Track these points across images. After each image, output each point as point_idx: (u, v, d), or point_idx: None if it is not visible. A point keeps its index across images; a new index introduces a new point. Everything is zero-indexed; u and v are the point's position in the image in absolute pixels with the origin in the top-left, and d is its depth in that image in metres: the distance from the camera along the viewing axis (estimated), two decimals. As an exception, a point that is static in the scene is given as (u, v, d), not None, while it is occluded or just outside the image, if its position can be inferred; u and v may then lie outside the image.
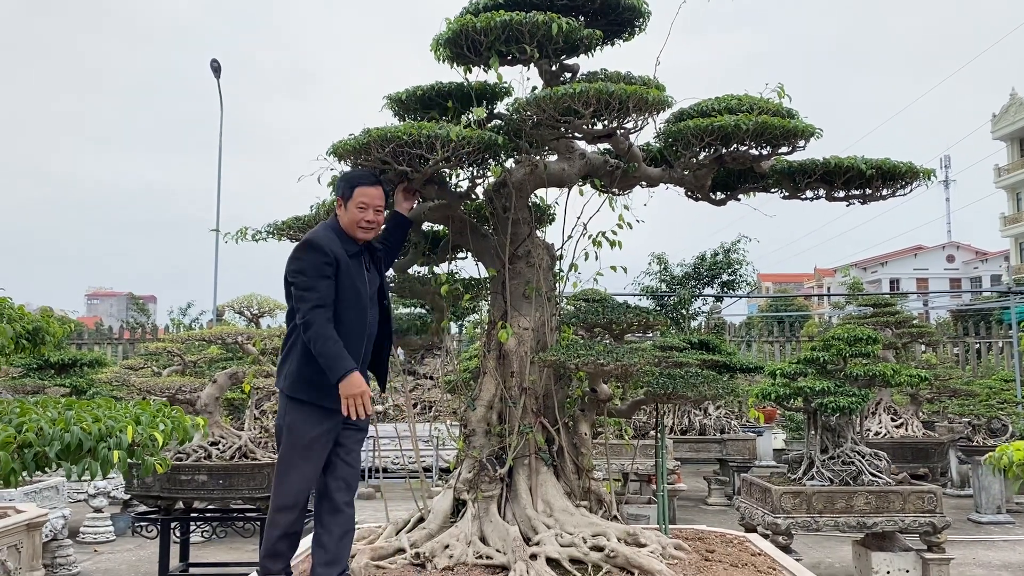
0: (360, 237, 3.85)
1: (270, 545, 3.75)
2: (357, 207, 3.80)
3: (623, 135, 4.28)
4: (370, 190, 3.83)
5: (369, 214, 3.82)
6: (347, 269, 3.74)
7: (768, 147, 4.25)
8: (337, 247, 3.75)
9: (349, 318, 3.72)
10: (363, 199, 3.80)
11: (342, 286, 3.71)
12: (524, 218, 4.70)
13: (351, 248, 3.80)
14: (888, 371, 7.45)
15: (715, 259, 15.10)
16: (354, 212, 3.81)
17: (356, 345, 3.72)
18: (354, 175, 3.90)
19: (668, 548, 4.35)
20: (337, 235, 3.81)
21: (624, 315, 4.49)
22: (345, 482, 3.84)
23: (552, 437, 4.64)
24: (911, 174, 4.40)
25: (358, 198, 3.80)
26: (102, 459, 2.07)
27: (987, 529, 10.15)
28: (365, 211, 3.81)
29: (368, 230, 3.85)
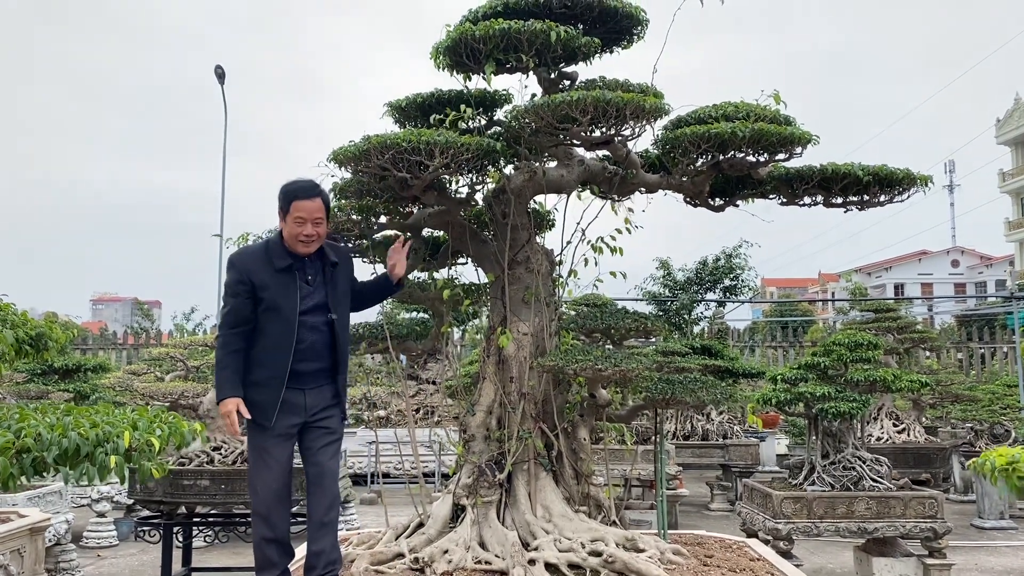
0: (301, 251, 3.81)
1: (258, 554, 3.80)
2: (294, 221, 3.75)
3: (621, 142, 4.30)
4: (306, 204, 3.75)
5: (307, 228, 3.75)
6: (270, 284, 3.75)
7: (765, 154, 4.27)
8: (258, 264, 3.77)
9: (273, 331, 3.75)
10: (299, 214, 3.74)
11: (264, 300, 3.74)
12: (523, 224, 4.72)
13: (281, 262, 3.78)
14: (889, 376, 7.46)
15: (717, 264, 15.11)
16: (292, 226, 3.76)
17: (281, 358, 3.73)
18: (291, 188, 3.80)
19: (666, 553, 4.36)
20: (271, 249, 3.82)
21: (623, 320, 4.51)
22: (315, 486, 3.82)
23: (551, 442, 4.66)
24: (908, 180, 4.42)
25: (295, 212, 3.74)
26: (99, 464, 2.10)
27: (990, 535, 10.13)
28: (303, 225, 3.75)
29: (308, 243, 3.79)
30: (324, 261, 3.89)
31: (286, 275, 3.78)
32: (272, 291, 3.75)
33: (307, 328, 3.79)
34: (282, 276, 3.77)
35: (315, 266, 3.87)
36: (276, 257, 3.79)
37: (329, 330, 3.86)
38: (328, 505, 3.79)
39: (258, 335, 3.80)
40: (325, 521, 3.78)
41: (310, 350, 3.80)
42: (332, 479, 3.84)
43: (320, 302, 3.84)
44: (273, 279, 3.76)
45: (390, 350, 4.77)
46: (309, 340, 3.79)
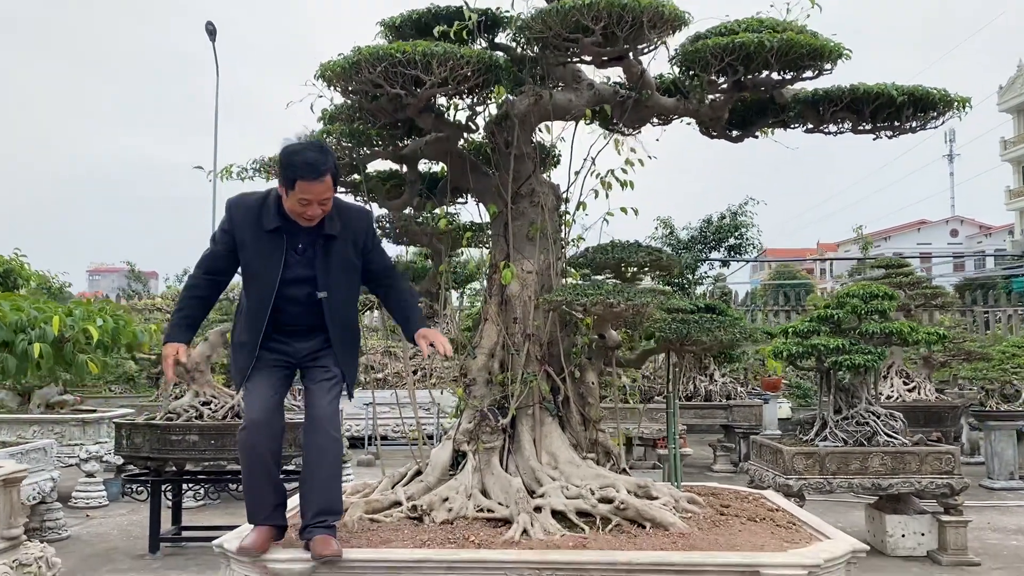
0: (303, 224, 3.44)
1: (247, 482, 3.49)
2: (299, 201, 3.35)
3: (636, 58, 3.96)
4: (313, 186, 3.31)
5: (312, 209, 3.36)
6: (252, 245, 3.44)
7: (792, 71, 3.93)
8: (248, 218, 3.43)
9: (252, 297, 3.49)
10: (304, 196, 3.32)
11: (245, 260, 3.48)
12: (528, 154, 4.39)
13: (270, 223, 3.41)
14: (906, 328, 7.17)
15: (722, 222, 14.75)
16: (295, 205, 3.37)
17: (255, 326, 3.46)
18: (295, 163, 3.32)
19: (681, 502, 4.09)
20: (267, 205, 3.45)
21: (635, 254, 4.19)
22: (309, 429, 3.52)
23: (557, 386, 4.37)
24: (945, 102, 4.09)
25: (299, 193, 3.33)
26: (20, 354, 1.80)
27: (1000, 495, 9.92)
28: (308, 206, 3.35)
29: (310, 221, 3.42)
30: (320, 231, 3.47)
31: (273, 239, 3.43)
32: (253, 253, 3.44)
33: (288, 300, 3.46)
34: (269, 239, 3.42)
35: (311, 234, 3.47)
36: (266, 216, 3.42)
37: (318, 307, 3.50)
38: (320, 447, 3.47)
39: (244, 294, 3.57)
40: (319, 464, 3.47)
41: (294, 322, 3.50)
42: (328, 422, 3.50)
43: (307, 275, 3.47)
44: (258, 240, 3.43)
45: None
46: (292, 312, 3.48)
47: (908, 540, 7.12)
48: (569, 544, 3.57)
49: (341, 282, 3.53)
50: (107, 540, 7.78)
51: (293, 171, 3.31)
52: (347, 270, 3.54)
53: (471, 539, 3.62)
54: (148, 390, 13.79)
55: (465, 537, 3.64)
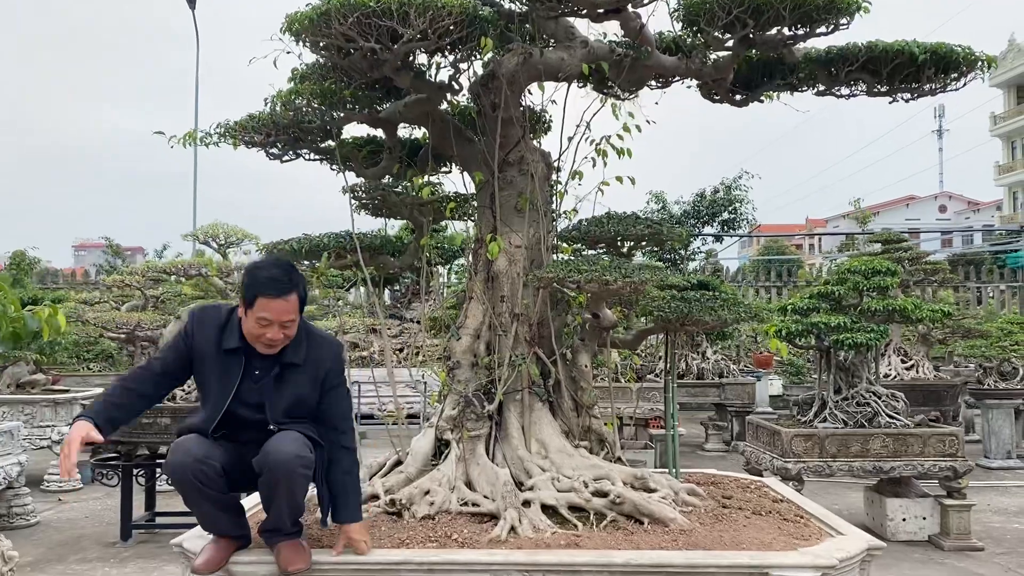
0: (261, 351, 3.08)
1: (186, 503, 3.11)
2: (257, 321, 2.99)
3: (634, 11, 3.61)
4: (274, 303, 2.97)
5: (272, 331, 3.00)
6: (210, 360, 3.09)
7: (804, 26, 3.59)
8: (209, 333, 3.09)
9: (205, 406, 3.15)
10: (264, 314, 2.98)
11: (200, 374, 3.15)
12: (516, 117, 4.04)
13: (229, 342, 3.08)
14: (909, 306, 6.90)
15: (715, 196, 14.40)
16: (253, 325, 3.01)
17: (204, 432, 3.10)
18: (258, 278, 3.02)
19: (681, 494, 3.81)
20: (231, 322, 3.11)
21: (633, 227, 3.86)
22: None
23: (548, 370, 4.06)
24: (968, 62, 3.77)
25: (258, 311, 2.98)
26: None
27: (998, 475, 9.74)
28: (268, 327, 3.00)
29: (269, 347, 3.06)
30: (281, 358, 3.10)
31: (231, 359, 3.09)
32: (208, 370, 3.11)
33: (240, 424, 3.11)
34: (226, 358, 3.09)
35: (268, 361, 3.10)
36: (228, 334, 3.09)
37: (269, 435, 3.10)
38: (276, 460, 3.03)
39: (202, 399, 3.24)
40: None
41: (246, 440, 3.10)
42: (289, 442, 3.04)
43: (259, 403, 3.10)
44: (215, 359, 3.09)
45: (360, 264, 4.11)
46: (244, 435, 3.11)
47: (909, 524, 6.91)
48: (561, 543, 3.27)
49: (297, 417, 3.13)
50: (77, 526, 7.47)
51: (254, 286, 3.00)
52: (300, 404, 3.13)
53: (454, 537, 3.33)
54: (125, 368, 13.43)
55: (447, 535, 3.35)
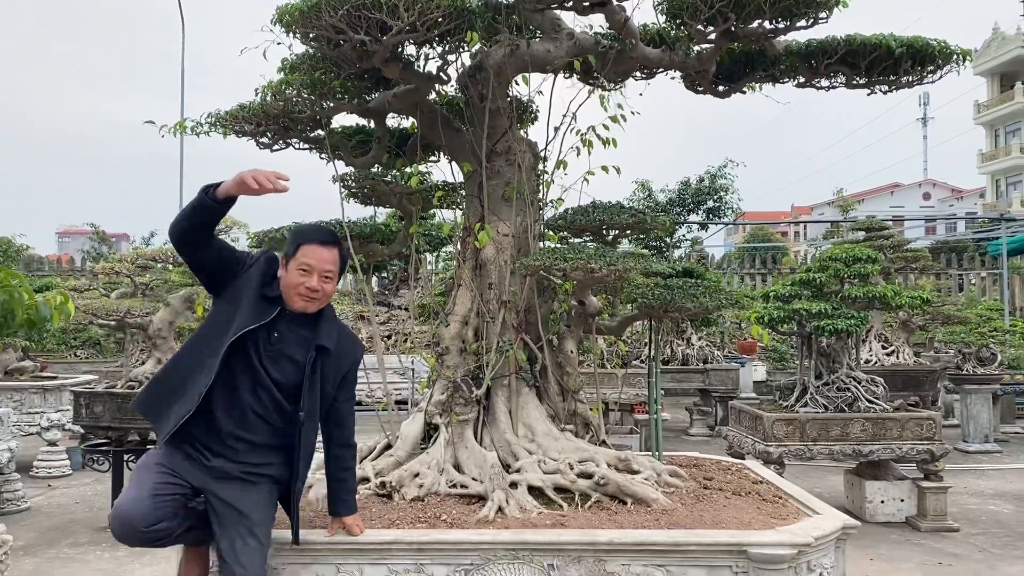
0: (296, 306, 2.95)
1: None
2: (298, 269, 2.92)
3: (619, 4, 3.69)
4: (319, 250, 2.95)
5: (312, 280, 2.93)
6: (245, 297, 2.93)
7: (785, 20, 3.68)
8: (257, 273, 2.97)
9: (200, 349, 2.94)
10: (307, 260, 2.93)
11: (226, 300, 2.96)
12: (504, 108, 4.12)
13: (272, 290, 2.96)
14: (889, 293, 7.03)
15: (700, 185, 14.53)
16: (293, 275, 2.93)
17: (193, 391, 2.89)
18: (303, 229, 3.06)
19: (663, 475, 3.92)
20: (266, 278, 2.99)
21: (618, 216, 3.96)
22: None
23: (534, 355, 4.15)
24: (945, 55, 3.87)
25: (300, 258, 2.93)
26: None
27: (975, 458, 9.94)
28: (307, 275, 2.92)
29: (308, 300, 2.95)
30: (312, 333, 2.99)
31: (262, 310, 2.93)
32: (235, 309, 2.91)
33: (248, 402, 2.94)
34: (258, 308, 2.92)
35: (296, 331, 2.98)
36: (267, 286, 2.97)
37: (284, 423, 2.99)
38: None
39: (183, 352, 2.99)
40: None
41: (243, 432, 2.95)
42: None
43: (277, 378, 2.95)
44: (250, 302, 2.92)
45: (351, 252, 4.18)
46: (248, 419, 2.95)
47: (887, 506, 7.07)
48: (547, 523, 3.38)
49: (317, 404, 3.04)
50: (68, 512, 7.52)
51: (300, 235, 3.00)
52: (324, 398, 3.06)
53: (443, 518, 3.42)
54: (114, 355, 13.44)
55: (437, 516, 3.44)
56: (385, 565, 3.18)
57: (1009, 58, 43.11)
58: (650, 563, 3.16)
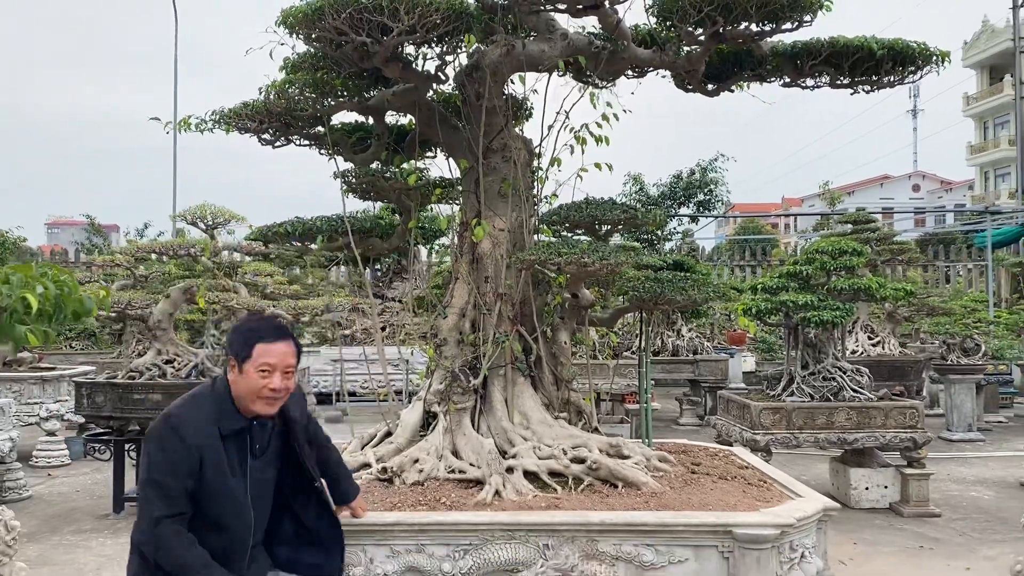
0: (260, 411, 2.80)
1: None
2: (258, 371, 2.75)
3: (612, 5, 3.82)
4: (276, 347, 2.78)
5: (275, 380, 2.77)
6: (217, 461, 2.72)
7: (771, 23, 3.82)
8: (209, 429, 2.74)
9: (221, 517, 2.77)
10: (266, 360, 2.76)
11: (209, 484, 2.72)
12: (500, 106, 4.25)
13: (232, 424, 2.78)
14: (874, 285, 7.21)
15: (691, 178, 14.69)
16: (254, 378, 2.76)
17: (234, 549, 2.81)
18: (252, 328, 2.85)
19: (652, 460, 4.08)
20: (218, 407, 2.79)
21: (610, 211, 4.10)
22: None
23: (529, 346, 4.30)
24: (925, 57, 4.02)
25: (259, 359, 2.76)
26: None
27: (959, 446, 10.15)
28: (270, 376, 2.76)
29: (272, 401, 2.81)
30: (274, 424, 2.91)
31: (234, 443, 2.79)
32: (220, 469, 2.74)
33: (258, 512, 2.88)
34: (229, 445, 2.78)
35: (264, 430, 2.88)
36: (226, 419, 2.78)
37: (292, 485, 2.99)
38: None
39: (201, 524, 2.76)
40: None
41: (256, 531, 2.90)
42: None
43: (263, 478, 2.89)
44: (218, 455, 2.75)
45: (352, 247, 4.32)
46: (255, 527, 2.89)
47: (871, 492, 7.26)
48: (541, 505, 3.53)
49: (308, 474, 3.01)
50: (69, 500, 7.65)
51: (250, 335, 2.80)
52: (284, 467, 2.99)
53: (443, 501, 3.57)
54: (110, 346, 13.53)
55: (437, 499, 3.59)
56: (388, 545, 3.33)
57: (998, 51, 43.33)
58: (640, 543, 3.32)
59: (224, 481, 2.74)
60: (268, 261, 10.01)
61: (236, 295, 7.61)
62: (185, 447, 2.68)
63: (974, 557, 5.89)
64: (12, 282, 1.88)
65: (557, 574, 3.30)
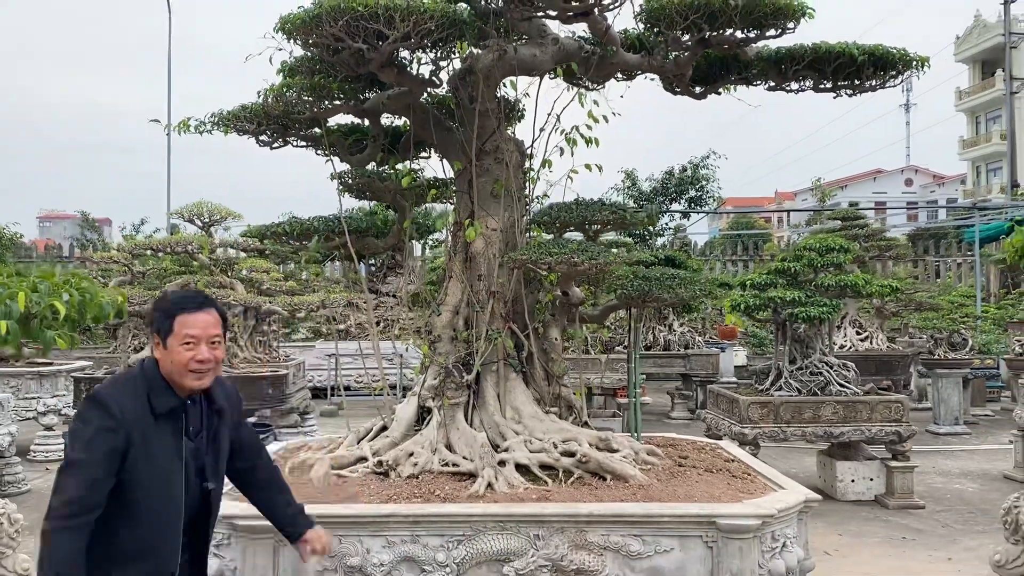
0: (191, 385, 2.67)
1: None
2: (182, 344, 2.63)
3: (601, 13, 3.93)
4: (198, 317, 2.67)
5: (201, 351, 2.64)
6: (146, 441, 2.59)
7: (756, 29, 3.94)
8: (138, 408, 2.60)
9: (150, 506, 2.61)
10: (190, 331, 2.64)
11: (136, 465, 2.57)
12: (492, 110, 4.36)
13: (164, 403, 2.64)
14: (860, 281, 7.35)
15: (683, 175, 14.85)
16: (179, 352, 2.63)
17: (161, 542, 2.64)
18: (173, 300, 2.73)
19: (640, 453, 4.21)
20: (148, 385, 2.66)
21: (599, 212, 4.22)
22: None
23: (521, 343, 4.42)
24: (904, 62, 4.15)
25: (181, 331, 2.64)
26: None
27: (945, 440, 10.32)
28: (195, 347, 2.64)
29: (202, 373, 2.68)
30: (211, 403, 2.80)
31: (169, 424, 2.66)
32: (153, 450, 2.60)
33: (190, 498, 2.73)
34: (163, 426, 2.65)
35: (197, 411, 2.77)
36: (157, 397, 2.65)
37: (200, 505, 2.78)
38: None
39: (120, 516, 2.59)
40: None
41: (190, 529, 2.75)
42: None
43: (200, 464, 2.75)
44: (154, 431, 2.62)
45: (348, 246, 4.43)
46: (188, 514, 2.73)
47: (857, 485, 7.40)
48: (532, 497, 3.66)
49: (222, 471, 2.87)
50: (69, 494, 7.74)
51: (170, 308, 2.68)
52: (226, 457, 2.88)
53: (437, 493, 3.69)
54: (105, 341, 13.61)
55: (431, 491, 3.71)
56: (383, 536, 3.45)
57: (990, 45, 43.52)
58: (627, 533, 3.44)
59: (155, 462, 2.61)
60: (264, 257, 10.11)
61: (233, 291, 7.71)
62: (112, 423, 2.54)
63: (955, 548, 6.04)
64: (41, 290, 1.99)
65: (547, 563, 3.42)
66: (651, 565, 3.43)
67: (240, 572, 3.40)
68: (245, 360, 8.80)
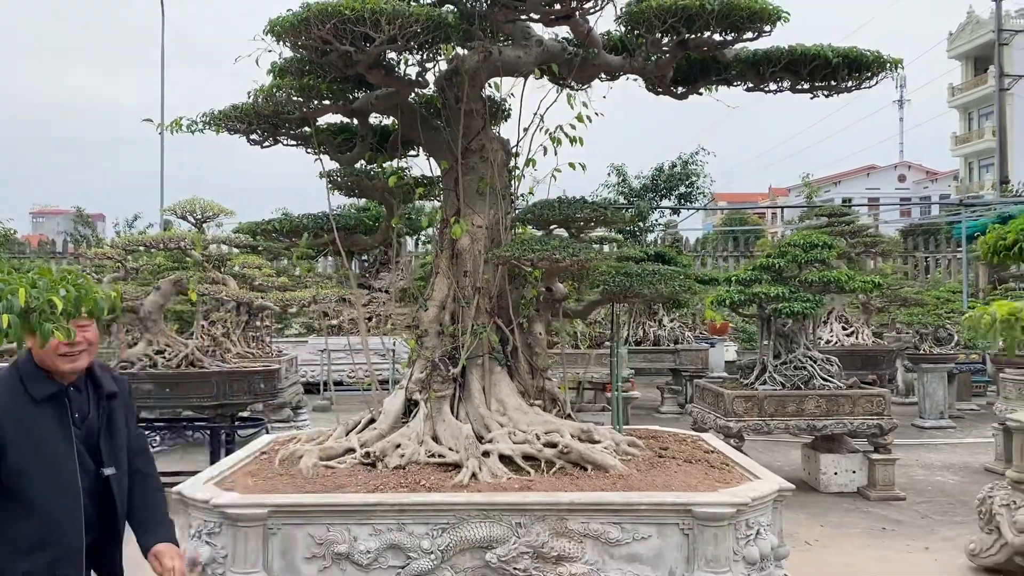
0: (64, 368, 2.65)
1: None
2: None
3: (583, 16, 4.04)
4: None
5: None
6: (27, 431, 2.57)
7: (733, 32, 4.04)
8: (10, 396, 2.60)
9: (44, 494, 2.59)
10: None
11: (20, 457, 2.54)
12: (478, 110, 4.46)
13: (41, 389, 2.62)
14: (843, 277, 7.47)
15: (673, 171, 14.96)
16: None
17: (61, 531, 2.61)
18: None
19: (622, 445, 4.32)
20: (24, 374, 2.64)
21: (581, 210, 4.33)
22: None
23: (506, 337, 4.53)
24: (878, 64, 4.26)
25: None
26: None
27: (930, 433, 10.47)
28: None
29: (73, 357, 2.65)
30: (98, 388, 2.78)
31: (51, 411, 2.63)
32: (34, 437, 2.57)
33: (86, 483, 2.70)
34: (46, 411, 2.62)
35: (83, 397, 2.73)
36: (33, 384, 2.63)
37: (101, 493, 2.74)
38: None
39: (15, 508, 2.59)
40: None
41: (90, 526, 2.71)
42: None
43: (91, 449, 2.73)
44: (33, 418, 2.60)
45: (336, 243, 4.53)
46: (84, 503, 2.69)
47: (840, 477, 7.54)
48: (515, 486, 3.77)
49: (123, 457, 2.83)
50: (63, 487, 7.84)
51: None
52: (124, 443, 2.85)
53: (422, 483, 3.80)
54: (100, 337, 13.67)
55: (417, 481, 3.82)
56: (370, 524, 3.56)
57: (983, 42, 43.69)
58: (606, 521, 3.55)
59: (42, 451, 2.58)
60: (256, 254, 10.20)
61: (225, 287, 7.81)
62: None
63: (933, 538, 6.19)
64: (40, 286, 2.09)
65: (528, 550, 3.53)
66: (629, 552, 3.54)
67: (231, 559, 3.50)
68: (238, 355, 8.91)
